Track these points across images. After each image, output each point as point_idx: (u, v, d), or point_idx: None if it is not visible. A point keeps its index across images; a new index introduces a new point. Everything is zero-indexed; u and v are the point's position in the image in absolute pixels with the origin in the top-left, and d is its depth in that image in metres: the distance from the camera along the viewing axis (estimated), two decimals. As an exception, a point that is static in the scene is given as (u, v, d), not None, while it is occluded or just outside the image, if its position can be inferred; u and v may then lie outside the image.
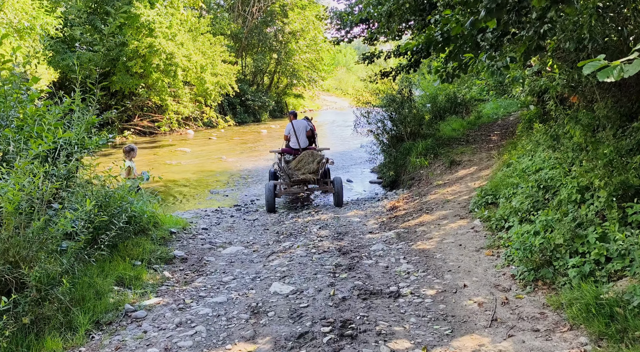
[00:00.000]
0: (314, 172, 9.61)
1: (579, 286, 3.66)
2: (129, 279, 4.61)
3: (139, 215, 5.79)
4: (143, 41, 18.78)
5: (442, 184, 9.23)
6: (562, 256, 4.16)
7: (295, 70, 33.29)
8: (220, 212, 9.38)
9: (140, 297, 4.31)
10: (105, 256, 4.74)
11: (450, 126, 14.55)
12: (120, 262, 4.87)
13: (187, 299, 4.33)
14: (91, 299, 3.92)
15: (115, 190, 5.37)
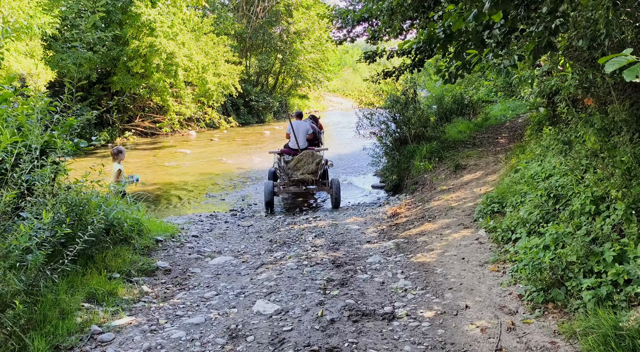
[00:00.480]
0: (312, 173, 9.69)
1: (595, 312, 3.24)
2: (101, 294, 4.25)
3: (120, 223, 5.42)
4: (144, 41, 18.48)
5: (446, 189, 8.81)
6: (575, 275, 3.75)
7: (300, 71, 32.92)
8: (215, 217, 9.02)
9: (111, 316, 3.95)
10: (78, 270, 4.38)
11: (457, 128, 14.13)
12: (94, 275, 4.51)
13: (161, 319, 3.96)
14: (53, 320, 3.56)
15: (90, 197, 5.01)
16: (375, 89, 12.66)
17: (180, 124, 23.22)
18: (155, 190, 11.79)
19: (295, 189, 9.84)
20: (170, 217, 9.25)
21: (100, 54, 18.67)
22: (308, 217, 8.66)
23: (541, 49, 4.51)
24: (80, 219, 4.78)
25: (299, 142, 10.32)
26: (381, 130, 11.99)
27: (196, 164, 15.32)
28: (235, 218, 8.92)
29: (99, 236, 4.87)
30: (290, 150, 10.51)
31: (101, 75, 20.12)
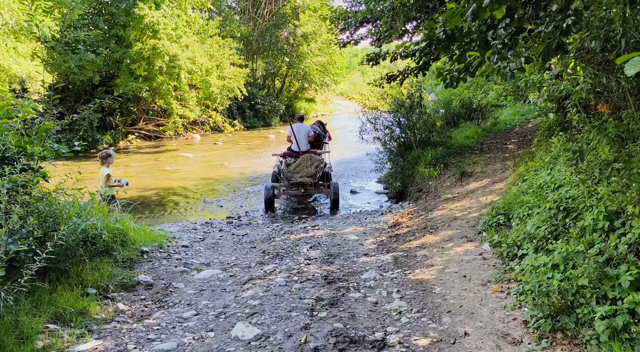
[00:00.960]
0: (311, 176, 9.85)
1: (610, 347, 2.86)
2: (70, 314, 3.93)
3: (98, 234, 5.10)
4: (147, 43, 18.28)
5: (450, 198, 8.43)
6: (587, 301, 3.36)
7: (307, 74, 32.61)
8: (209, 225, 8.71)
9: (76, 340, 3.63)
10: (45, 287, 4.07)
11: (464, 133, 13.72)
12: (65, 292, 4.20)
13: (130, 343, 3.63)
14: (9, 346, 3.24)
15: (63, 207, 4.71)
16: (379, 93, 12.30)
17: (185, 127, 23.00)
18: (153, 195, 11.52)
19: (294, 192, 10.00)
20: (164, 224, 8.96)
21: (103, 56, 18.51)
22: (306, 226, 8.32)
23: (551, 50, 4.13)
24: (54, 230, 4.47)
25: (300, 145, 10.44)
26: (385, 135, 11.62)
27: (197, 168, 15.04)
28: (230, 226, 8.60)
29: (73, 248, 4.56)
30: (293, 152, 10.64)
31: (104, 78, 19.95)
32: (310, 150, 10.68)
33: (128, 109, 20.76)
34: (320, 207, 10.72)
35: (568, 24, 3.75)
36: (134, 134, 21.15)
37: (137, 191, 11.84)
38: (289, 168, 10.10)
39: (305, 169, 9.96)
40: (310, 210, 10.46)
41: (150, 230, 7.37)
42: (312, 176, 9.86)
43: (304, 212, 10.32)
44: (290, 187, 9.92)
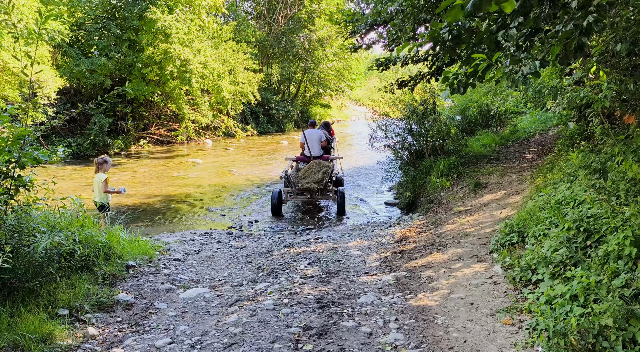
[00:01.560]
0: (318, 182, 9.95)
1: (639, 408, 2.38)
2: (30, 342, 3.56)
3: (69, 249, 4.74)
4: (159, 47, 18.13)
5: (462, 211, 7.93)
6: (612, 344, 2.88)
7: (322, 79, 32.25)
8: (209, 235, 8.34)
9: (30, 373, 3.26)
10: (4, 310, 3.72)
11: (480, 141, 13.19)
12: (30, 315, 3.84)
13: (89, 378, 3.25)
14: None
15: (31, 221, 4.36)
16: (391, 99, 11.85)
17: (197, 132, 22.80)
18: (156, 202, 11.22)
19: (301, 198, 10.13)
20: (163, 234, 8.62)
21: (115, 60, 18.40)
22: (309, 239, 7.90)
23: (570, 52, 3.67)
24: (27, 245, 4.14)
25: (311, 150, 10.67)
26: (396, 142, 11.17)
27: (205, 174, 14.74)
28: (230, 237, 8.22)
29: (41, 265, 4.21)
30: (305, 157, 10.87)
31: (116, 82, 19.86)
32: (323, 156, 10.85)
33: (140, 114, 20.64)
34: (327, 214, 10.29)
35: (589, 22, 3.29)
36: (145, 139, 21.01)
37: (141, 198, 11.57)
38: (297, 173, 10.27)
39: (312, 175, 10.07)
40: (318, 217, 10.04)
41: (145, 241, 7.03)
42: (319, 181, 9.94)
43: (311, 217, 9.91)
44: (297, 193, 10.02)
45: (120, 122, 19.96)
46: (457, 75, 4.25)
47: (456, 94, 4.20)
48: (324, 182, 10.00)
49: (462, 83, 4.22)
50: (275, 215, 9.89)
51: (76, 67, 17.20)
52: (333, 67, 31.34)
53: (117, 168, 15.80)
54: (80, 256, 4.83)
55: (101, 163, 7.63)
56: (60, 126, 17.69)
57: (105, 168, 7.63)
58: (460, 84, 4.21)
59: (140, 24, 18.74)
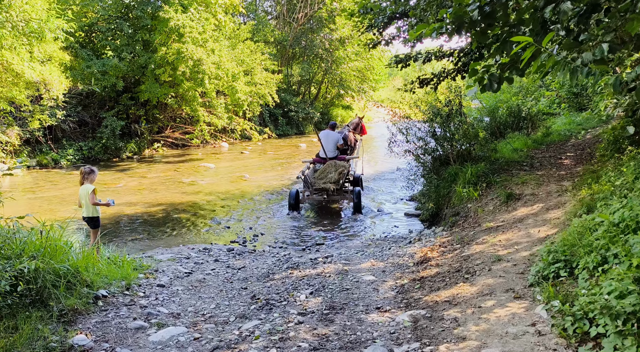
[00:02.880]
0: (334, 182, 10.05)
1: None
2: None
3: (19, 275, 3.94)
4: (171, 47, 17.49)
5: (493, 227, 6.90)
6: None
7: (343, 80, 31.28)
8: (207, 252, 7.53)
9: None
10: None
11: (511, 145, 12.07)
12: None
13: None
14: None
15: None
16: (413, 100, 10.86)
17: (213, 135, 22.14)
18: (159, 212, 10.47)
19: (318, 197, 10.26)
20: (158, 249, 7.84)
21: (127, 61, 17.85)
22: (317, 258, 6.99)
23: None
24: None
25: (327, 152, 10.86)
26: (418, 147, 10.16)
27: (215, 181, 13.98)
28: (230, 255, 7.38)
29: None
30: (321, 159, 11.07)
31: (130, 84, 19.34)
32: (339, 156, 11.03)
33: (154, 116, 20.07)
34: (342, 223, 9.36)
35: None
36: (160, 142, 20.44)
37: (144, 207, 10.84)
38: (314, 174, 10.50)
39: (329, 175, 10.22)
40: (332, 225, 9.11)
41: (130, 260, 6.26)
42: (335, 182, 10.07)
43: (324, 227, 9.00)
44: (313, 193, 10.20)
45: (134, 125, 19.42)
46: (489, 68, 3.28)
47: (488, 91, 3.24)
48: (340, 182, 10.13)
49: (494, 78, 3.24)
50: (292, 210, 10.14)
51: (87, 68, 16.69)
52: (354, 67, 30.34)
53: (126, 173, 15.19)
54: (30, 289, 4.03)
55: (88, 173, 6.84)
56: (71, 129, 17.21)
57: (92, 178, 6.85)
58: (493, 78, 3.24)
59: (153, 24, 18.16)
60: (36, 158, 15.82)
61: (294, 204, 10.11)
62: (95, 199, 6.66)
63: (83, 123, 17.85)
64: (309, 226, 9.48)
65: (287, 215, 10.12)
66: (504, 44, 2.99)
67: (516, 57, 2.99)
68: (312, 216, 10.09)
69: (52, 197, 11.67)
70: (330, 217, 10.06)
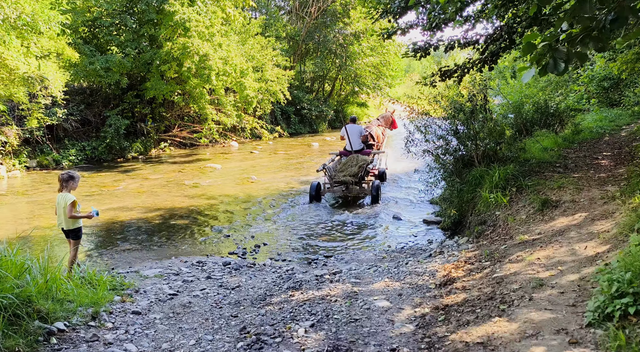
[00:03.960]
0: (353, 175, 10.37)
1: None
2: None
3: None
4: (177, 42, 16.71)
5: (529, 241, 5.92)
6: None
7: (358, 76, 30.23)
8: (200, 266, 6.69)
9: None
10: None
11: (540, 144, 11.02)
12: None
13: None
14: None
15: None
16: (432, 94, 9.87)
17: (222, 134, 21.36)
18: (155, 217, 9.66)
19: (338, 189, 10.54)
20: (147, 263, 7.02)
21: (131, 57, 17.13)
22: (323, 274, 6.10)
23: None
24: None
25: (352, 145, 11.38)
26: (438, 147, 9.19)
27: (219, 183, 13.16)
28: (225, 270, 6.52)
29: None
30: (346, 152, 11.55)
31: (135, 81, 18.63)
32: (364, 150, 11.51)
33: (161, 115, 19.34)
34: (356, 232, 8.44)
35: None
36: (167, 142, 19.71)
37: (140, 212, 10.05)
38: (337, 166, 10.94)
39: (349, 169, 10.52)
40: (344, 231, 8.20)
41: (108, 278, 5.46)
42: (354, 175, 10.37)
43: (337, 227, 8.08)
44: (333, 185, 10.47)
45: (140, 124, 18.71)
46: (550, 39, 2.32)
47: (551, 73, 2.28)
48: (360, 176, 10.40)
49: (561, 55, 2.28)
50: (312, 201, 10.45)
51: (90, 65, 15.98)
52: (370, 62, 29.27)
53: (128, 174, 14.46)
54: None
55: (66, 180, 5.95)
56: (74, 129, 16.55)
57: (71, 186, 5.98)
58: (559, 56, 2.28)
59: (158, 18, 17.40)
60: (36, 159, 15.18)
61: (315, 195, 10.42)
62: (74, 212, 5.82)
63: (86, 122, 17.17)
64: (318, 234, 8.58)
65: (307, 205, 10.21)
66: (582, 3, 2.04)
67: (596, 21, 2.04)
68: (321, 223, 9.19)
69: (45, 201, 10.96)
70: (342, 225, 9.15)
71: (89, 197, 11.42)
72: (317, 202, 10.39)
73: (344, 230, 8.79)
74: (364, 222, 9.26)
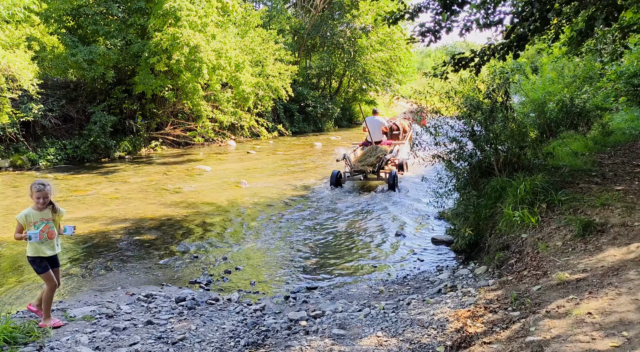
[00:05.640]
0: (371, 165, 10.90)
1: None
2: None
3: None
4: (166, 32, 15.34)
5: (571, 281, 4.43)
6: None
7: (366, 73, 28.65)
8: (147, 303, 5.30)
9: None
10: None
11: (569, 148, 9.49)
12: None
13: None
14: None
15: None
16: (443, 89, 8.38)
17: (218, 132, 19.99)
18: (117, 232, 8.29)
19: (356, 178, 11.17)
20: (85, 295, 5.67)
21: (117, 49, 15.81)
22: (299, 319, 4.69)
23: None
24: None
25: (372, 136, 12.00)
26: (450, 152, 7.71)
27: (204, 188, 11.77)
28: (177, 310, 5.11)
29: None
30: (367, 143, 12.19)
31: (123, 75, 17.33)
32: (385, 141, 12.22)
33: (151, 112, 18.01)
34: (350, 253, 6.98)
35: None
36: (158, 140, 18.39)
37: (103, 224, 8.70)
38: (356, 156, 11.58)
39: (367, 159, 11.13)
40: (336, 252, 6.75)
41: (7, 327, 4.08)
42: (372, 165, 10.94)
43: (329, 247, 6.64)
44: (353, 173, 11.04)
45: (129, 121, 17.41)
46: None
47: None
48: (377, 166, 10.97)
49: None
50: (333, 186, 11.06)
51: (71, 56, 14.70)
52: (379, 58, 27.69)
53: (107, 177, 13.15)
54: None
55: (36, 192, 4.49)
56: (53, 126, 15.27)
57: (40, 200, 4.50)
58: None
59: (148, 7, 16.07)
60: (10, 158, 13.92)
61: (335, 183, 11.07)
62: (16, 233, 4.44)
63: (68, 119, 15.89)
64: (304, 256, 7.13)
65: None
66: None
67: None
68: (311, 241, 7.77)
69: (2, 208, 9.67)
70: (335, 243, 7.71)
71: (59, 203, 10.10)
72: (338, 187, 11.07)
73: (337, 250, 7.34)
74: (361, 239, 7.82)
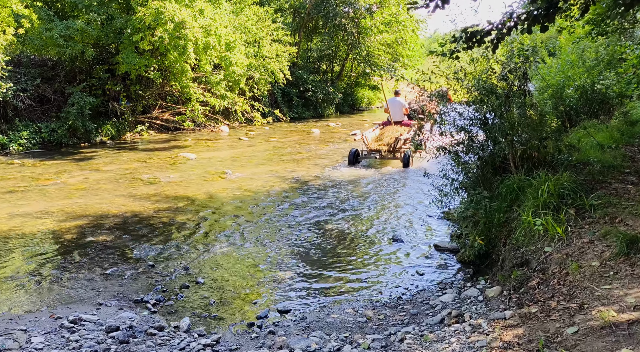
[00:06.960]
0: (387, 145, 11.62)
1: None
2: None
3: None
4: (150, 7, 14.08)
5: (620, 323, 3.26)
6: None
7: (370, 56, 27.23)
8: (69, 334, 4.21)
9: None
10: None
11: (594, 139, 8.27)
12: None
13: None
14: None
15: None
16: (451, 70, 7.16)
17: (212, 117, 18.80)
18: (71, 230, 7.17)
19: (372, 156, 11.68)
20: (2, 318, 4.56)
21: (98, 24, 14.59)
22: None
23: None
24: None
25: (393, 116, 12.70)
26: (458, 143, 6.52)
27: (184, 178, 10.64)
28: (107, 343, 4.02)
29: None
30: (388, 122, 12.83)
31: (106, 54, 16.13)
32: (404, 122, 12.65)
33: (137, 93, 16.82)
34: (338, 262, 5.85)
35: None
36: (144, 125, 17.23)
37: (57, 221, 7.59)
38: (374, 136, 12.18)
39: (384, 139, 11.83)
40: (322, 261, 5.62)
41: None
42: (388, 144, 11.60)
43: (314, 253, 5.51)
44: (370, 152, 11.62)
45: (112, 103, 16.24)
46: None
47: None
48: (393, 146, 11.52)
49: None
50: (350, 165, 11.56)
51: (47, 32, 13.50)
52: (383, 40, 26.24)
53: (79, 164, 12.03)
54: None
55: None
56: (27, 107, 14.13)
57: None
58: None
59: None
60: (-24, 142, 12.85)
61: (352, 161, 11.59)
62: None
63: (44, 99, 14.75)
64: (282, 266, 5.99)
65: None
66: None
67: None
68: (292, 246, 6.64)
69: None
70: (319, 249, 6.58)
71: (9, 194, 9.03)
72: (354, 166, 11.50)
73: (321, 259, 6.20)
74: (350, 246, 6.68)
